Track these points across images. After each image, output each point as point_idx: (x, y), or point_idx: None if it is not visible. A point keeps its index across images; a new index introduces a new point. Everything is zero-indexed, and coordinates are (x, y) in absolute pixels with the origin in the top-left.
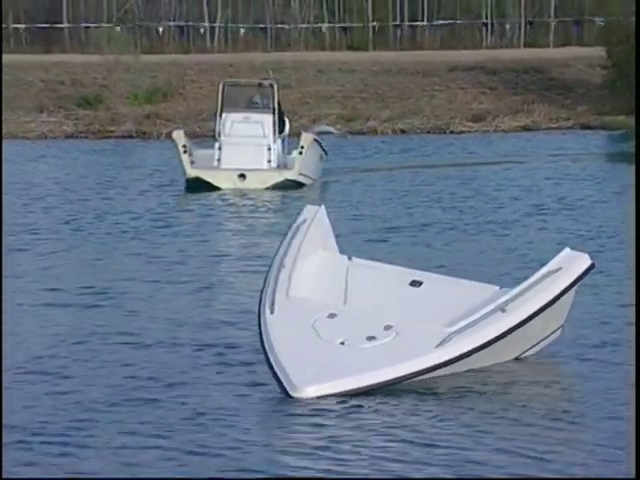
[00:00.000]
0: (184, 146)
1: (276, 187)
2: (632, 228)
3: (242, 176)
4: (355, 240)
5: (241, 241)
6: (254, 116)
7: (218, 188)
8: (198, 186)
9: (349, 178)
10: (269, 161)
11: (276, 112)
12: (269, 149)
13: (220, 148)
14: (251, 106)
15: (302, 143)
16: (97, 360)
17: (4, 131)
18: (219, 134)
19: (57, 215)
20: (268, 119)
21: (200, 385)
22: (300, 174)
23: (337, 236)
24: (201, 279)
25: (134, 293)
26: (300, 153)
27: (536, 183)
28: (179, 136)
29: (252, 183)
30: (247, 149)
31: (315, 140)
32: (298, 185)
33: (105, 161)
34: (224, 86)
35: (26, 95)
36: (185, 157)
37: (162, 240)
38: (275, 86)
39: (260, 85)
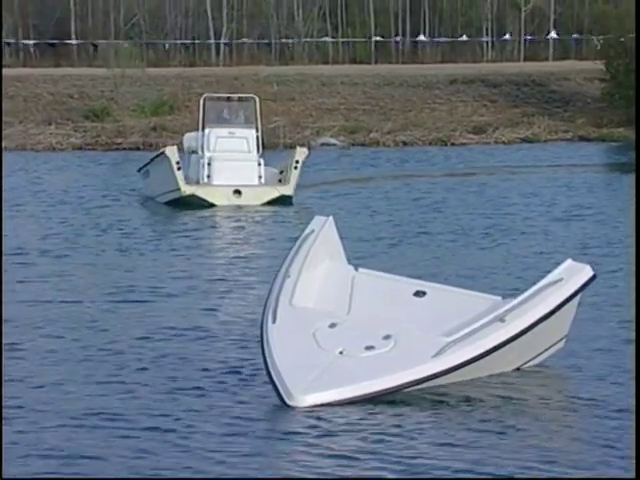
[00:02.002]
0: (178, 162)
1: (270, 202)
2: (633, 236)
3: (237, 192)
4: (362, 249)
5: (254, 250)
6: (239, 131)
7: (213, 205)
8: (184, 203)
9: (353, 188)
10: (260, 177)
11: (258, 127)
12: (259, 164)
13: (209, 164)
14: (220, 121)
15: (297, 157)
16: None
17: (14, 144)
18: (202, 149)
19: (75, 222)
20: (252, 134)
21: (198, 391)
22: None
23: (345, 245)
24: (213, 287)
25: (153, 300)
26: (295, 168)
27: (539, 193)
28: (172, 152)
29: (248, 199)
30: (238, 165)
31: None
32: (286, 199)
33: (112, 172)
34: (205, 100)
35: (35, 108)
36: (179, 174)
37: (175, 249)
38: (256, 100)
39: (241, 99)
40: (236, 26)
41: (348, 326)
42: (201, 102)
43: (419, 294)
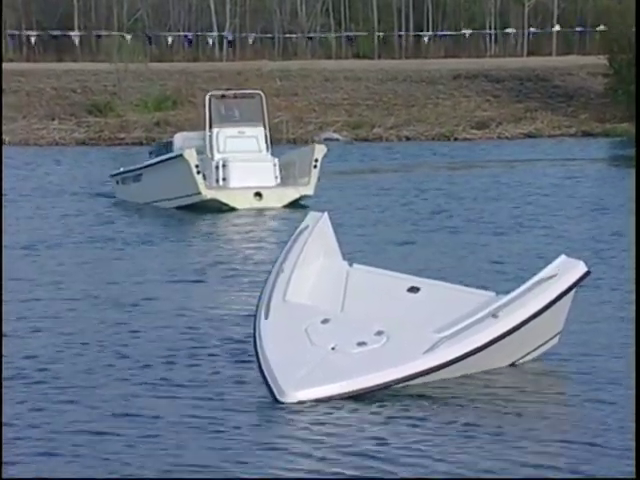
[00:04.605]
0: (197, 166)
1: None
2: (632, 232)
3: (258, 195)
4: (372, 244)
5: (263, 244)
6: (248, 130)
7: (234, 209)
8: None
9: (361, 183)
10: (276, 177)
11: (266, 124)
12: (274, 165)
13: (224, 165)
14: (227, 120)
15: (316, 156)
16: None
17: (17, 138)
18: (211, 150)
19: (90, 217)
20: (261, 132)
21: (190, 387)
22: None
23: (346, 240)
24: (218, 280)
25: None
26: (315, 166)
27: (542, 188)
28: (191, 155)
29: (269, 201)
30: (254, 166)
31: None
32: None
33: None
34: (210, 99)
35: (38, 103)
36: (199, 178)
37: (192, 245)
38: (263, 97)
39: (247, 96)
40: (239, 21)
41: (341, 322)
42: (206, 100)
43: (413, 290)
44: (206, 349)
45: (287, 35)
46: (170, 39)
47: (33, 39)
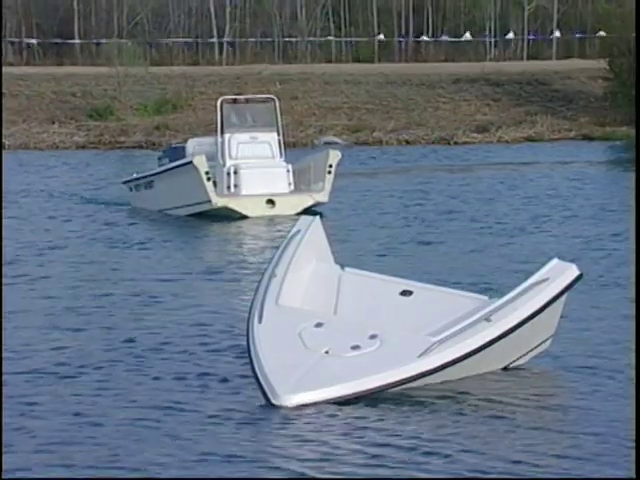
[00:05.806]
0: (207, 172)
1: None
2: (632, 234)
3: (271, 202)
4: (382, 243)
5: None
6: (260, 135)
7: (245, 216)
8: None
9: (364, 186)
10: (289, 184)
11: (279, 129)
12: (288, 171)
13: (235, 172)
14: (240, 125)
15: (330, 161)
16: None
17: (17, 142)
18: (223, 156)
19: (95, 219)
20: (274, 138)
21: (183, 388)
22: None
23: (352, 242)
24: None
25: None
26: (329, 172)
27: (539, 191)
28: (201, 162)
29: (283, 209)
30: (266, 172)
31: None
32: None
33: (120, 170)
34: (222, 104)
35: (38, 106)
36: (210, 185)
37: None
38: (276, 101)
39: (260, 101)
40: (239, 25)
41: (334, 326)
42: (218, 105)
43: (405, 293)
44: (199, 352)
45: (287, 39)
46: (170, 43)
47: (33, 43)
